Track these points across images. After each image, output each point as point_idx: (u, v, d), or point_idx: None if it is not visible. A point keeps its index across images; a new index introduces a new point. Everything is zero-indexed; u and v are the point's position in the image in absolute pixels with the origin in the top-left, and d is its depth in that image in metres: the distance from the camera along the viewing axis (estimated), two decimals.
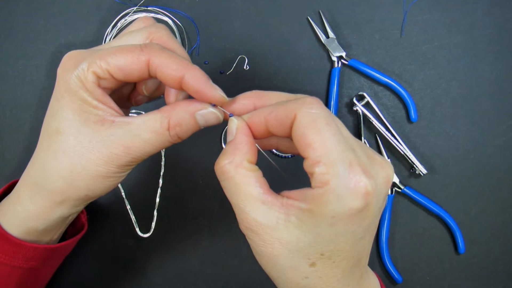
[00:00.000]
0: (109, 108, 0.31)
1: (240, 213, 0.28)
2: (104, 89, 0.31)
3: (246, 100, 0.31)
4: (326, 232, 0.26)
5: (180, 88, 0.30)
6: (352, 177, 0.25)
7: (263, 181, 0.29)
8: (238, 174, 0.28)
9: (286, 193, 0.29)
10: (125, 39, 0.33)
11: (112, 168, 0.31)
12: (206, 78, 0.30)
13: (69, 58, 0.31)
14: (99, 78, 0.30)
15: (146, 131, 0.30)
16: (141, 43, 0.30)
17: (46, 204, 0.34)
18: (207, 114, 0.31)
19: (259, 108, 0.30)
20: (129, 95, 0.38)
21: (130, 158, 0.31)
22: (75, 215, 0.38)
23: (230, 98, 0.31)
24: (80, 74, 0.30)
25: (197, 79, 0.29)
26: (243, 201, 0.28)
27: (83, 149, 0.31)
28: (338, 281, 0.28)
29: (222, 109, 0.31)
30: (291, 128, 0.28)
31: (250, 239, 0.29)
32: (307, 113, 0.27)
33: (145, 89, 0.36)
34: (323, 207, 0.26)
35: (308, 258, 0.27)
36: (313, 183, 0.26)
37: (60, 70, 0.31)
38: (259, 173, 0.29)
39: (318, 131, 0.26)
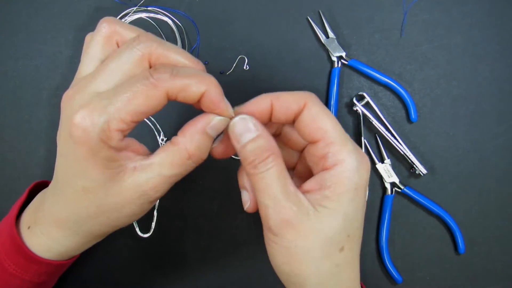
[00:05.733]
0: (129, 152, 0.30)
1: (270, 209, 0.29)
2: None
3: (263, 101, 0.32)
4: (350, 209, 0.30)
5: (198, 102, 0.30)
6: (359, 152, 0.30)
7: (289, 175, 0.31)
8: (277, 165, 0.30)
9: (303, 186, 0.31)
10: (114, 66, 0.28)
11: (146, 205, 0.32)
12: (220, 94, 0.30)
13: (84, 119, 0.27)
14: (123, 132, 0.28)
15: (168, 168, 0.31)
16: (149, 75, 0.28)
17: (84, 240, 0.35)
18: (216, 124, 0.31)
19: (277, 106, 0.31)
20: None
21: (160, 194, 0.32)
22: None
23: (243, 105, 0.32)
24: (103, 136, 0.27)
25: (215, 95, 0.30)
26: (277, 195, 0.29)
27: (115, 199, 0.31)
28: (356, 264, 0.32)
29: (231, 110, 0.31)
30: (294, 115, 0.31)
31: (281, 237, 0.30)
32: (317, 101, 0.31)
33: None
34: (346, 182, 0.29)
35: (338, 243, 0.30)
36: (328, 163, 0.30)
37: (78, 132, 0.27)
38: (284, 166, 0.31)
39: (328, 117, 0.30)
